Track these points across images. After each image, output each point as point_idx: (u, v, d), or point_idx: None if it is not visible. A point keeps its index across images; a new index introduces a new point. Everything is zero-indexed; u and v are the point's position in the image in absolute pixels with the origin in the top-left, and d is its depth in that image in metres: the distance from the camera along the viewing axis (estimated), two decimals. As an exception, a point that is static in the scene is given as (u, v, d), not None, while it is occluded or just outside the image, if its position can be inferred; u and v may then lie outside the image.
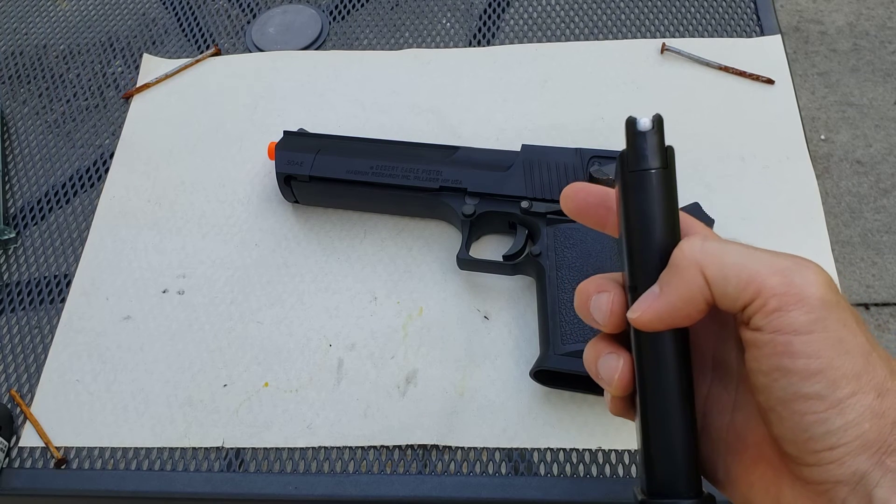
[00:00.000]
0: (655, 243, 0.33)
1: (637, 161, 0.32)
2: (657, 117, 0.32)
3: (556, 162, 0.60)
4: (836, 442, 0.29)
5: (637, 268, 0.33)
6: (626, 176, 0.33)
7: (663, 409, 0.33)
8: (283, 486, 0.54)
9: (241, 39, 0.79)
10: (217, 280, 0.63)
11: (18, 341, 0.62)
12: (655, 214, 0.32)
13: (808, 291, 0.29)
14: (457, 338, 0.59)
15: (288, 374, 0.58)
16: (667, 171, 0.32)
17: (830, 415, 0.29)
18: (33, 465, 0.56)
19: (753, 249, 0.31)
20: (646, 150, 0.32)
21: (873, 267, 1.53)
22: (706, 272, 0.31)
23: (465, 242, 0.60)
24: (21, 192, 0.70)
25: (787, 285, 0.29)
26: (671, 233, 0.33)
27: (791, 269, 0.30)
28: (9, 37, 0.82)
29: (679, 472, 0.33)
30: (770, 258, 0.31)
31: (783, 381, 0.30)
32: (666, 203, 0.32)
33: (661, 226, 0.32)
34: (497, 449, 0.54)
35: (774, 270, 0.30)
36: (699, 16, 0.77)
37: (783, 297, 0.29)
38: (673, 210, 0.33)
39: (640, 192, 0.32)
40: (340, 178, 0.62)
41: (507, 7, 0.79)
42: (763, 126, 0.67)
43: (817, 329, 0.29)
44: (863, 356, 0.29)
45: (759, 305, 0.30)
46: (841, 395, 0.29)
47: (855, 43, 1.83)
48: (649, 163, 0.32)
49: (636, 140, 0.32)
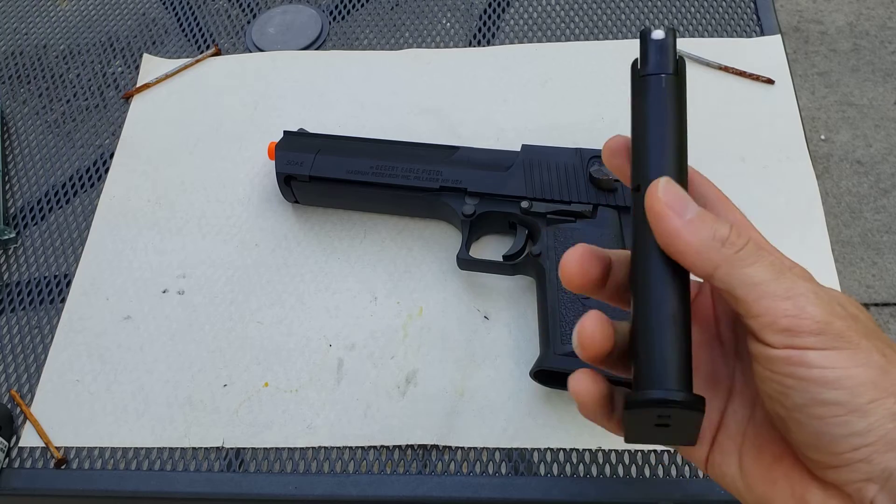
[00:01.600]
0: (661, 147, 0.33)
1: (648, 66, 0.33)
2: (671, 29, 0.33)
3: (556, 162, 0.60)
4: (860, 443, 0.29)
5: (642, 169, 0.33)
6: (637, 82, 0.33)
7: (656, 308, 0.32)
8: (283, 486, 0.54)
9: (241, 39, 0.79)
10: (217, 280, 0.63)
11: (18, 341, 0.62)
12: (663, 117, 0.33)
13: (818, 317, 0.30)
14: (457, 338, 0.59)
15: (288, 374, 0.58)
16: (677, 78, 0.33)
17: (852, 418, 0.29)
18: (33, 465, 0.56)
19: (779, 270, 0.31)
20: (657, 56, 0.33)
21: (873, 267, 1.53)
22: (717, 272, 0.31)
23: (465, 242, 0.60)
24: (21, 192, 0.70)
25: (797, 309, 0.30)
26: (678, 138, 0.33)
27: (803, 297, 0.30)
28: (9, 37, 0.82)
29: (670, 369, 0.32)
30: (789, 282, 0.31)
31: (801, 389, 0.30)
32: (675, 109, 0.33)
33: (670, 129, 0.33)
34: (497, 449, 0.54)
35: (787, 294, 0.30)
36: (699, 16, 0.77)
37: (792, 319, 0.30)
38: (681, 119, 0.33)
39: (650, 96, 0.33)
40: (340, 178, 0.62)
41: (507, 7, 0.79)
42: (763, 126, 0.67)
43: (829, 346, 0.30)
44: (878, 368, 0.30)
45: (769, 322, 0.30)
46: (861, 401, 0.29)
47: (855, 43, 1.83)
48: (660, 68, 0.33)
49: (648, 47, 0.33)
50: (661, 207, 0.32)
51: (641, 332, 0.33)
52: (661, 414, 0.32)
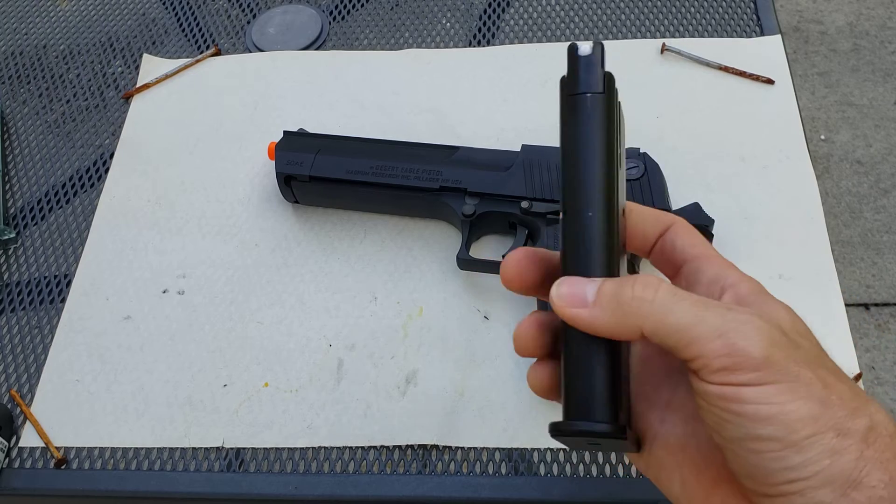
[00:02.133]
0: (588, 171, 0.32)
1: (575, 85, 0.32)
2: (598, 43, 0.32)
3: (556, 162, 0.60)
4: (795, 476, 0.28)
5: (569, 194, 0.32)
6: (565, 100, 0.32)
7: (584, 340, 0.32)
8: (283, 486, 0.54)
9: (241, 39, 0.79)
10: (217, 280, 0.63)
11: (18, 341, 0.62)
12: (591, 141, 0.31)
13: (751, 352, 0.29)
14: (457, 338, 0.59)
15: (288, 374, 0.58)
16: (605, 96, 0.32)
17: (788, 453, 0.28)
18: (33, 465, 0.56)
19: (702, 304, 0.30)
20: (584, 74, 0.32)
21: (873, 267, 1.53)
22: (646, 327, 0.31)
23: (465, 242, 0.60)
24: (21, 192, 0.70)
25: (728, 347, 0.29)
26: (607, 161, 0.32)
27: (734, 331, 0.29)
28: (9, 37, 0.82)
29: (597, 400, 0.32)
30: (716, 318, 0.30)
31: (736, 423, 0.29)
32: (603, 130, 0.31)
33: (597, 152, 0.31)
34: (497, 449, 0.54)
35: (716, 333, 0.29)
36: (699, 16, 0.77)
37: (726, 358, 0.29)
38: (611, 140, 0.32)
39: (576, 117, 0.32)
40: (340, 179, 0.62)
41: (507, 7, 0.79)
42: (763, 126, 0.67)
43: (766, 381, 0.29)
44: (818, 401, 0.29)
45: (703, 364, 0.30)
46: (798, 437, 0.28)
47: (855, 43, 1.83)
48: (588, 86, 0.32)
49: (576, 64, 0.32)
50: (565, 311, 0.32)
51: (567, 364, 0.33)
52: (588, 440, 0.32)
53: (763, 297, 0.33)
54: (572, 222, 0.32)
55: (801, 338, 0.31)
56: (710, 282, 0.34)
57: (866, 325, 1.47)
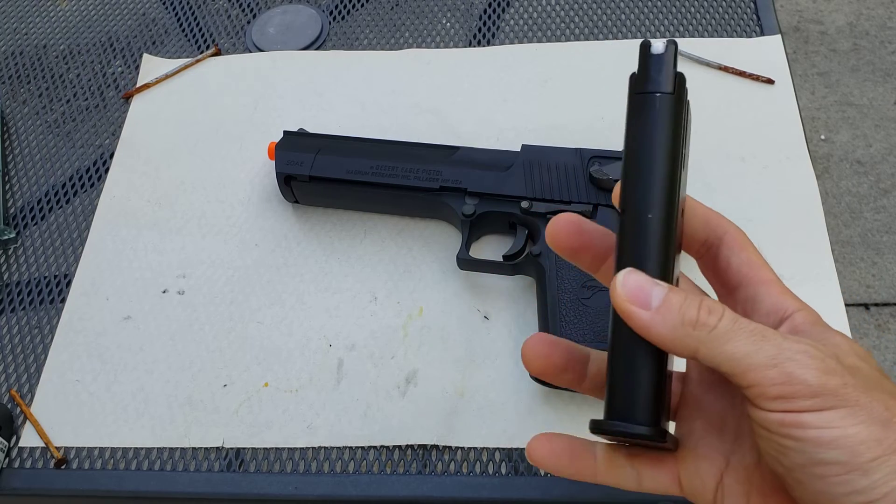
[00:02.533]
0: (652, 172, 0.31)
1: (645, 83, 0.31)
2: (672, 41, 0.31)
3: (556, 162, 0.60)
4: (863, 500, 0.29)
5: (630, 194, 0.32)
6: (632, 98, 0.32)
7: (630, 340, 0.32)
8: (283, 486, 0.54)
9: (241, 39, 0.79)
10: (217, 280, 0.63)
11: (18, 341, 0.62)
12: (658, 141, 0.31)
13: (807, 379, 0.29)
14: (457, 338, 0.59)
15: (288, 374, 0.58)
16: (675, 97, 0.31)
17: (854, 477, 0.28)
18: (33, 465, 0.56)
19: (760, 334, 0.31)
20: (655, 72, 0.31)
21: (873, 267, 1.53)
22: (702, 352, 0.31)
23: (465, 242, 0.60)
24: (21, 192, 0.70)
25: (784, 376, 0.29)
26: (671, 163, 0.31)
27: (789, 360, 0.30)
28: (9, 37, 0.82)
29: (641, 403, 0.32)
30: (773, 348, 0.30)
31: (797, 449, 0.29)
32: (671, 132, 0.31)
33: (663, 153, 0.31)
34: (497, 449, 0.54)
35: (772, 363, 0.30)
36: (699, 16, 0.77)
37: (782, 387, 0.29)
38: (677, 142, 0.31)
39: (645, 116, 0.31)
40: (340, 178, 0.62)
41: (507, 7, 0.79)
42: (763, 126, 0.67)
43: (825, 407, 0.29)
44: (880, 424, 0.29)
45: (759, 392, 0.30)
46: (862, 460, 0.28)
47: (855, 43, 1.83)
48: (658, 86, 0.31)
49: (647, 62, 0.31)
50: (626, 306, 0.31)
51: (614, 361, 0.33)
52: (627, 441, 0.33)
53: (820, 327, 0.33)
54: (632, 222, 0.32)
55: (860, 361, 0.31)
56: (769, 312, 0.34)
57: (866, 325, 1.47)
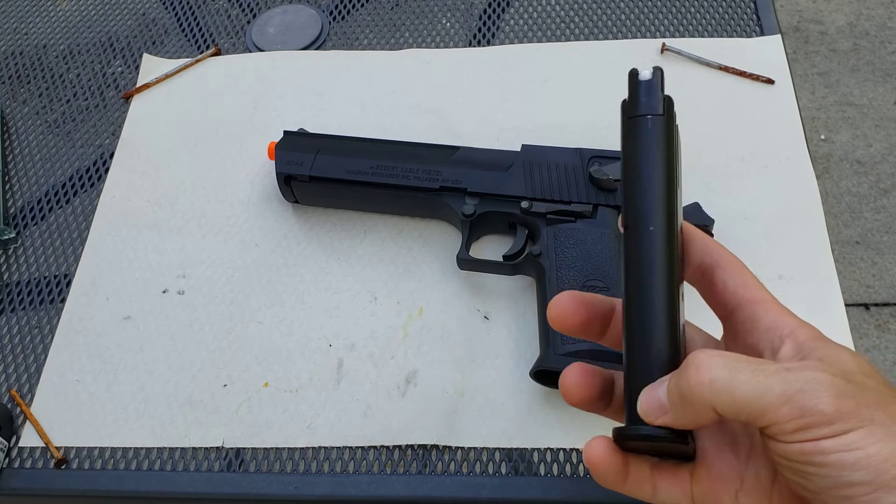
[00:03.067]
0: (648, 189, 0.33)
1: (635, 107, 0.33)
2: (657, 68, 0.33)
3: (556, 162, 0.60)
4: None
5: (631, 211, 0.33)
6: (626, 122, 0.34)
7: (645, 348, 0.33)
8: (283, 486, 0.54)
9: (241, 39, 0.79)
10: (217, 280, 0.63)
11: (18, 341, 0.62)
12: (652, 159, 0.33)
13: (822, 409, 0.29)
14: (457, 338, 0.59)
15: (288, 374, 0.58)
16: (664, 118, 0.33)
17: (881, 494, 0.29)
18: (33, 465, 0.56)
19: (762, 372, 0.31)
20: (645, 97, 0.33)
21: (873, 267, 1.53)
22: (717, 408, 0.31)
23: (465, 242, 0.60)
24: (21, 192, 0.70)
25: (799, 411, 0.30)
26: (667, 180, 0.33)
27: (800, 393, 0.30)
28: (9, 37, 0.82)
29: None
30: (780, 384, 0.30)
31: (821, 474, 0.30)
32: (664, 150, 0.33)
33: (658, 171, 0.33)
34: (497, 449, 0.54)
35: (784, 400, 0.30)
36: (699, 16, 0.77)
37: (798, 421, 0.30)
38: (671, 159, 0.33)
39: (639, 137, 0.33)
40: (340, 178, 0.62)
41: (507, 7, 0.79)
42: (763, 126, 0.67)
43: (843, 431, 0.29)
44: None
45: (777, 430, 0.30)
46: (887, 477, 0.29)
47: (855, 43, 1.83)
48: (647, 109, 0.33)
49: (637, 88, 0.33)
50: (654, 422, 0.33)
51: (630, 370, 0.34)
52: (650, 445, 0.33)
53: (822, 343, 0.33)
54: (633, 237, 0.34)
55: (867, 378, 0.31)
56: (767, 330, 0.34)
57: (866, 325, 1.47)
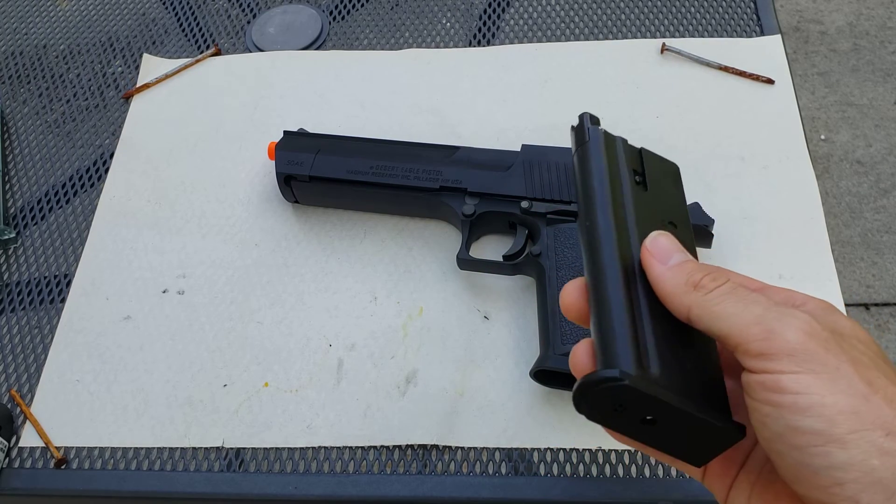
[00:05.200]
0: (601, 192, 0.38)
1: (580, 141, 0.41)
2: (582, 115, 0.42)
3: (556, 162, 0.60)
4: (842, 477, 0.28)
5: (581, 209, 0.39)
6: (575, 153, 0.42)
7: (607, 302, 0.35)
8: (283, 486, 0.54)
9: (241, 39, 0.79)
10: (217, 280, 0.63)
11: (18, 341, 0.62)
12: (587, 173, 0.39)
13: (786, 336, 0.30)
14: (457, 338, 0.59)
15: (288, 374, 0.58)
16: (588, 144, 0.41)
17: (832, 449, 0.28)
18: (33, 465, 0.56)
19: (751, 301, 0.32)
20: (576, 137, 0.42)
21: (873, 267, 1.53)
22: (692, 311, 0.33)
23: (465, 242, 0.60)
24: (21, 192, 0.70)
25: (766, 332, 0.30)
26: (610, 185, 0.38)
27: (773, 319, 0.30)
28: (9, 37, 0.82)
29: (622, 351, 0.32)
30: (759, 309, 0.31)
31: (776, 416, 0.29)
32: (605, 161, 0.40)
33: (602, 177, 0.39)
34: (497, 449, 0.54)
35: (756, 320, 0.31)
36: (699, 16, 0.77)
37: (762, 343, 0.30)
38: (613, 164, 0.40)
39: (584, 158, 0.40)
40: (340, 178, 0.62)
41: (507, 7, 0.79)
42: (763, 126, 0.67)
43: (803, 370, 0.29)
44: (861, 396, 0.29)
45: (743, 350, 0.31)
46: (840, 431, 0.28)
47: (855, 43, 1.83)
48: (577, 144, 0.42)
49: (572, 133, 0.42)
50: (647, 258, 0.35)
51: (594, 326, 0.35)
52: (615, 400, 0.32)
53: (832, 312, 0.33)
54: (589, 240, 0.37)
55: (859, 342, 0.31)
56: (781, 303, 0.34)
57: (866, 325, 1.47)
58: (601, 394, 0.32)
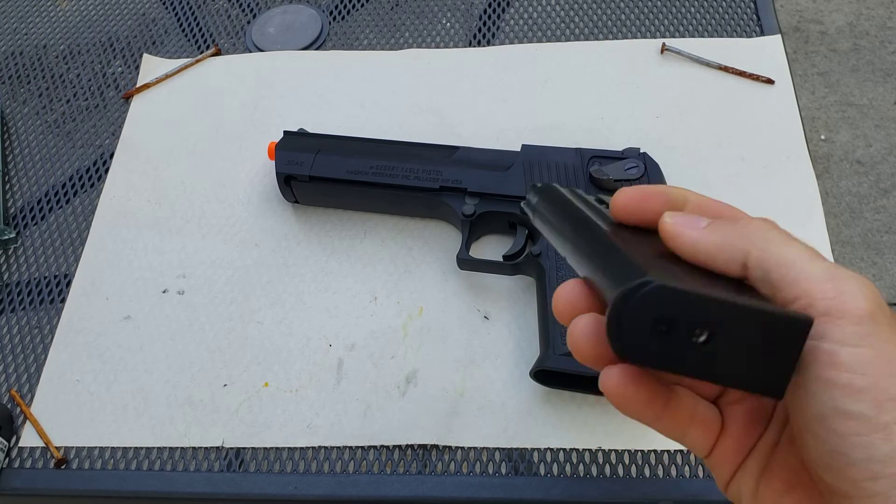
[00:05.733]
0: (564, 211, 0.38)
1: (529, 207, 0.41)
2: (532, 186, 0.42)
3: (556, 162, 0.60)
4: (879, 471, 0.25)
5: None
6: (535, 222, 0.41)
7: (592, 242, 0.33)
8: (283, 486, 0.54)
9: (241, 39, 0.79)
10: (217, 280, 0.63)
11: (18, 341, 0.62)
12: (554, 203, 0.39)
13: (858, 302, 0.26)
14: (457, 338, 0.59)
15: (288, 374, 0.58)
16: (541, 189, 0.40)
17: (875, 439, 0.25)
18: (33, 465, 0.56)
19: (816, 254, 0.28)
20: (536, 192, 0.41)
21: (873, 267, 1.53)
22: (751, 255, 0.28)
23: (465, 242, 0.60)
24: (21, 192, 0.70)
25: (838, 292, 0.26)
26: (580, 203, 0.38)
27: (844, 280, 0.27)
28: (9, 37, 0.82)
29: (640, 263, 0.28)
30: (827, 265, 0.28)
31: (824, 396, 0.26)
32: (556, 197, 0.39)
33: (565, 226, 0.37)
34: (497, 449, 0.54)
35: (828, 276, 0.27)
36: (699, 16, 0.77)
37: (832, 301, 0.26)
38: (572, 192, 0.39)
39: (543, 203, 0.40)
40: (340, 178, 0.62)
41: (507, 7, 0.79)
42: (763, 126, 0.67)
43: (865, 344, 0.26)
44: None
45: (806, 304, 0.27)
46: (887, 418, 0.25)
47: (855, 43, 1.83)
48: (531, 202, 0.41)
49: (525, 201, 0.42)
50: (672, 227, 0.30)
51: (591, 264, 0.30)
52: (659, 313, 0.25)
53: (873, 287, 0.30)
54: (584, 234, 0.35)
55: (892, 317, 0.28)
56: None
57: None
58: (642, 306, 0.25)
